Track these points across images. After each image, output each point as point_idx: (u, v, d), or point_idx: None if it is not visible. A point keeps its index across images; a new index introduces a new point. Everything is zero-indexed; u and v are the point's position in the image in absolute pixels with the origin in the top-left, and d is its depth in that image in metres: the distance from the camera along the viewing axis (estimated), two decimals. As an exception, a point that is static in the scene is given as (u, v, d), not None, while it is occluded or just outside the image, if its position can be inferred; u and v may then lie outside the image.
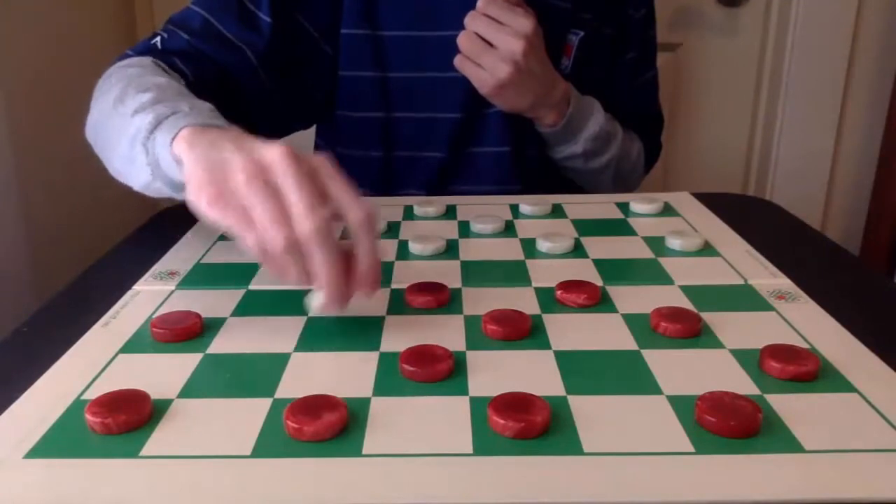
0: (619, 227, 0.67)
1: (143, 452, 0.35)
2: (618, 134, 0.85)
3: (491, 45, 0.72)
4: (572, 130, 0.81)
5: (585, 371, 0.41)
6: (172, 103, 0.55)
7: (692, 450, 0.34)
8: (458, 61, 0.74)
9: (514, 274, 0.56)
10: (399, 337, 0.46)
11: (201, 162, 0.46)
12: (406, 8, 0.79)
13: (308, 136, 0.93)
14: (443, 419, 0.37)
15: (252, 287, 0.54)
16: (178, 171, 0.50)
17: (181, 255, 0.61)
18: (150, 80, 0.61)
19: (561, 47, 0.82)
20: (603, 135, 0.82)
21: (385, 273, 0.56)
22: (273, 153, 0.43)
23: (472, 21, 0.73)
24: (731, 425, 0.35)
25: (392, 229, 0.66)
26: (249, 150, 0.44)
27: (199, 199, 0.44)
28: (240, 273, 0.57)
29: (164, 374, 0.42)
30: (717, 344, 0.45)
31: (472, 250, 0.61)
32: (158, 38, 0.73)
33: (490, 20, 0.72)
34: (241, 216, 0.43)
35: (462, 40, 0.74)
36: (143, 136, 0.53)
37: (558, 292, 0.51)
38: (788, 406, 0.38)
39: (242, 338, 0.46)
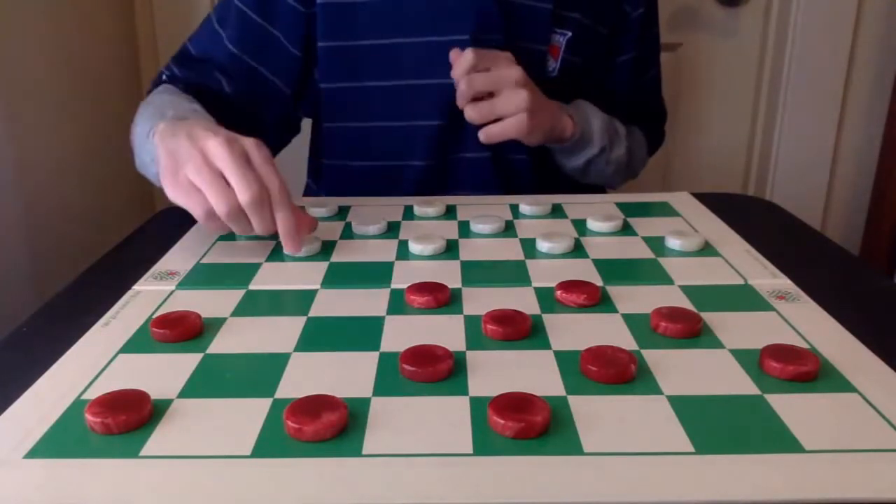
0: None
1: (143, 452, 0.35)
2: (615, 121, 0.84)
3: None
4: (584, 131, 0.79)
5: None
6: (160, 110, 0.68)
7: (692, 450, 0.34)
8: (493, 133, 0.72)
9: (514, 274, 0.56)
10: (399, 337, 0.46)
11: (164, 153, 0.58)
12: (379, 16, 0.78)
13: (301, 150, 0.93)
14: (443, 419, 0.37)
15: (252, 287, 0.54)
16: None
17: (181, 255, 0.61)
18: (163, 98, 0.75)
19: (545, 49, 0.80)
20: (609, 126, 0.81)
21: (385, 273, 0.56)
22: (211, 142, 0.54)
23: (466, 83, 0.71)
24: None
25: (392, 229, 0.66)
26: (195, 141, 0.55)
27: (164, 184, 0.57)
28: (240, 273, 0.57)
29: (164, 374, 0.42)
30: (717, 344, 0.45)
31: (472, 250, 0.61)
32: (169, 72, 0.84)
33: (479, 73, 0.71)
34: (192, 196, 0.55)
35: (470, 107, 0.72)
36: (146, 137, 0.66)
37: (558, 292, 0.51)
38: (788, 406, 0.38)
39: (242, 338, 0.46)
